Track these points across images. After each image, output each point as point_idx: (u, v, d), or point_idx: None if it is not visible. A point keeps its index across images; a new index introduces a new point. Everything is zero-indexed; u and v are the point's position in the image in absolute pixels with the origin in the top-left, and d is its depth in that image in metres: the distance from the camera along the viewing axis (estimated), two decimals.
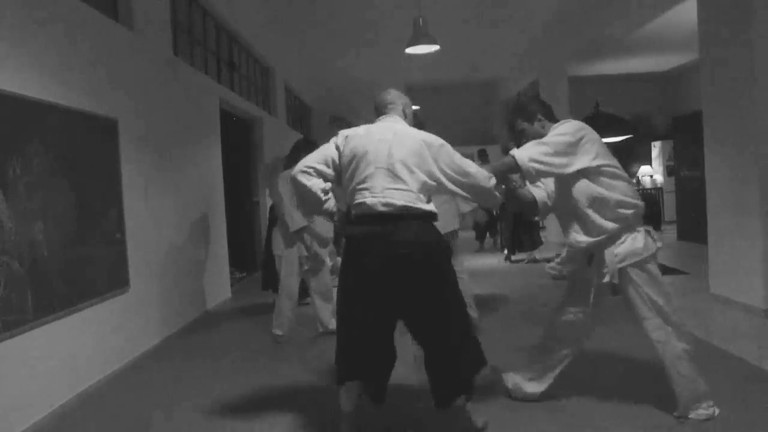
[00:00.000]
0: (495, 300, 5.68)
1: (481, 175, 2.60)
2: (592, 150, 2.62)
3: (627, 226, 2.64)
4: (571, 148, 2.61)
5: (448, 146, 2.61)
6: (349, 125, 2.89)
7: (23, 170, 3.05)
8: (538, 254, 8.19)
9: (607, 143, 2.75)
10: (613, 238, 2.63)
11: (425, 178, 2.51)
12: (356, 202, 2.51)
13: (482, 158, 9.56)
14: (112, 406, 3.35)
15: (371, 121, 2.82)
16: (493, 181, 2.64)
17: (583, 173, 2.63)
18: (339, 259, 7.07)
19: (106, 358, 3.85)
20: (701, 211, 5.46)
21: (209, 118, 6.28)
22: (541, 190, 2.90)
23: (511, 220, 8.06)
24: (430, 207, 2.55)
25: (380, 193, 2.45)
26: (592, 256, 2.71)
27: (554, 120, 2.83)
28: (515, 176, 2.79)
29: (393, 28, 8.36)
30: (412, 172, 2.49)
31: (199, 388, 3.56)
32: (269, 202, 8.60)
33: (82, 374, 3.56)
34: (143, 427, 3.03)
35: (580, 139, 2.62)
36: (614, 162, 2.68)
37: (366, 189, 2.48)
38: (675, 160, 10.01)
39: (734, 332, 4.13)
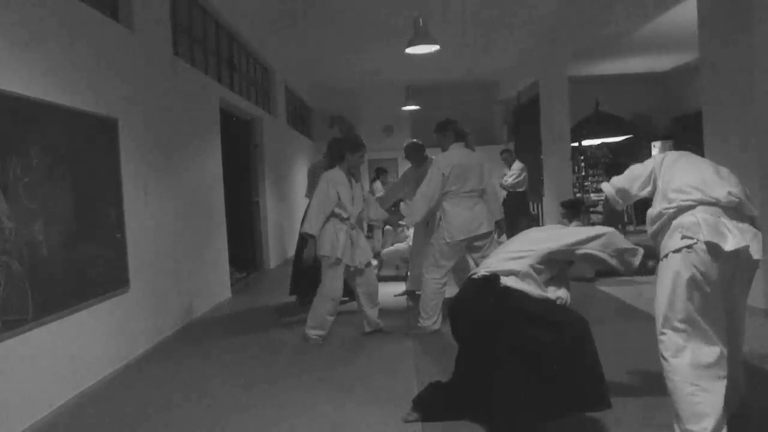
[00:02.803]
0: None
1: None
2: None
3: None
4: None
5: None
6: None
7: (23, 170, 3.04)
8: None
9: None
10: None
11: None
12: None
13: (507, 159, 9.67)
14: (112, 406, 3.35)
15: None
16: None
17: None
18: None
19: (106, 358, 3.85)
20: None
21: (209, 118, 6.28)
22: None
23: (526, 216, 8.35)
24: None
25: None
26: None
27: None
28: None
29: (393, 28, 8.35)
30: None
31: (199, 388, 3.56)
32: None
33: (82, 374, 3.56)
34: (143, 427, 3.03)
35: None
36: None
37: None
38: None
39: None
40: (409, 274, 6.14)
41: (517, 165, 9.45)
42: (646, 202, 2.70)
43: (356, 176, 4.59)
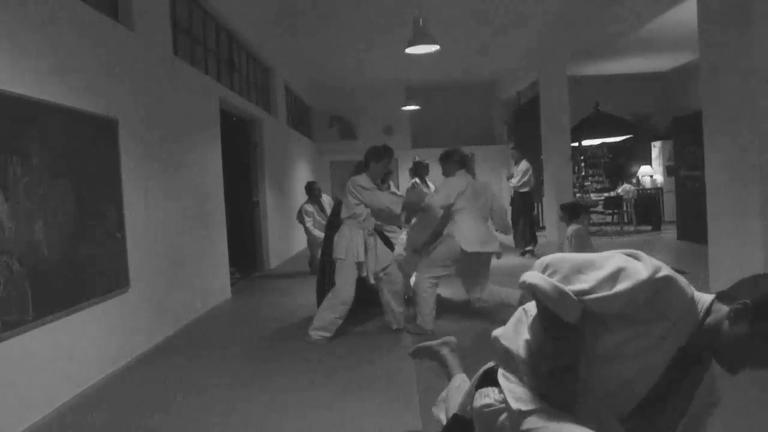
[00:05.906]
0: None
1: None
2: None
3: None
4: None
5: None
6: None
7: (23, 170, 3.05)
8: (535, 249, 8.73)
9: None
10: None
11: None
12: None
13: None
14: (112, 406, 3.35)
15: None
16: None
17: None
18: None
19: (106, 358, 3.85)
20: (701, 211, 5.46)
21: (209, 118, 6.28)
22: None
23: (528, 216, 8.79)
24: None
25: None
26: None
27: None
28: None
29: (393, 28, 8.36)
30: None
31: (199, 388, 3.56)
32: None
33: (82, 374, 3.56)
34: (143, 427, 3.03)
35: None
36: None
37: None
38: (675, 160, 10.01)
39: None
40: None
41: (524, 165, 9.34)
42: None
43: (379, 185, 4.75)
